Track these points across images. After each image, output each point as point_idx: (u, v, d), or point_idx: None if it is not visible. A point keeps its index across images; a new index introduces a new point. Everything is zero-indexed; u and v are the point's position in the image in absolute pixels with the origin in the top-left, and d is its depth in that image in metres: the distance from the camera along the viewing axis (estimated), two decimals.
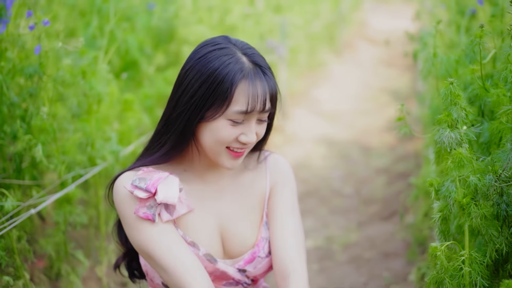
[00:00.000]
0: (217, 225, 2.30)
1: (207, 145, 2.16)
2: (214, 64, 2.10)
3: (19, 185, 3.18)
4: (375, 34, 15.01)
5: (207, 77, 2.09)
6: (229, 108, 2.09)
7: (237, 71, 2.09)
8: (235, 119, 2.10)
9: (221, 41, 2.18)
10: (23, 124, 3.11)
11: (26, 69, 3.13)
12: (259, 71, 2.13)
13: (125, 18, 4.43)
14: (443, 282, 2.22)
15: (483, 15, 4.35)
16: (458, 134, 2.25)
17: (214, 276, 2.28)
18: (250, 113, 2.11)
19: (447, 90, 2.28)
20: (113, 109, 3.57)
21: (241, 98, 2.09)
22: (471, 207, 2.19)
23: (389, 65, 11.81)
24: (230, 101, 2.09)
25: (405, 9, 20.18)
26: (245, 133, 2.14)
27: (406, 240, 4.47)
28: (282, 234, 2.32)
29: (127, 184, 2.14)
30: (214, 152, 2.17)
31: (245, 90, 2.09)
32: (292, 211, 2.39)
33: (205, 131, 2.14)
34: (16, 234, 2.92)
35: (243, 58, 2.13)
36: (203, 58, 2.13)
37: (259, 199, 2.40)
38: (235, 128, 2.12)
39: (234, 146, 2.16)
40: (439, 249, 2.21)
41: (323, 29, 10.78)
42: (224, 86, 2.08)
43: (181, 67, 2.20)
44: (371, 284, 3.92)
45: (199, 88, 2.10)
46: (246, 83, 2.10)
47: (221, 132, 2.12)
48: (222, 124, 2.11)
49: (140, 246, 2.15)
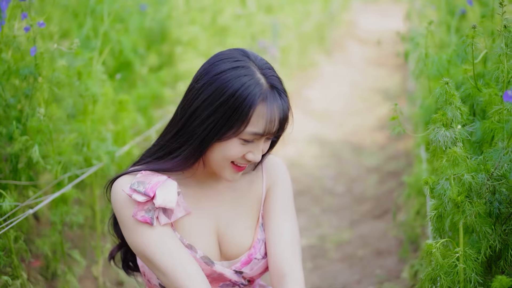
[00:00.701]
0: (214, 227, 2.31)
1: (214, 160, 2.17)
2: (234, 84, 2.08)
3: (15, 185, 3.19)
4: (364, 34, 15.07)
5: (228, 98, 2.07)
6: (246, 130, 2.09)
7: (256, 94, 2.08)
8: (247, 139, 2.11)
9: (240, 58, 2.15)
10: (19, 125, 3.13)
11: (21, 70, 3.14)
12: (276, 93, 2.13)
13: (119, 19, 4.45)
14: (438, 279, 2.25)
15: (473, 15, 4.40)
16: (453, 133, 2.28)
17: (211, 278, 2.29)
18: (263, 135, 2.13)
19: (442, 90, 2.32)
20: (108, 110, 3.59)
21: (259, 120, 2.09)
22: (466, 205, 2.22)
23: (379, 64, 11.87)
24: (248, 123, 2.09)
25: (394, 9, 20.28)
26: (253, 151, 2.15)
27: (399, 238, 4.50)
28: (277, 234, 2.33)
29: (125, 188, 2.14)
30: (218, 166, 2.18)
31: (263, 113, 2.09)
32: (287, 210, 2.40)
33: (216, 149, 2.14)
34: (13, 234, 2.93)
35: (262, 79, 2.11)
36: (222, 75, 2.10)
37: (255, 201, 2.41)
38: (244, 146, 2.13)
39: (238, 162, 2.18)
40: (434, 246, 2.25)
41: (313, 29, 10.82)
42: (244, 109, 2.07)
43: (195, 77, 2.17)
44: (364, 282, 3.95)
45: (218, 107, 2.08)
46: (265, 106, 2.09)
47: (231, 151, 2.13)
48: (234, 143, 2.12)
49: (138, 249, 2.16)
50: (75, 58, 3.55)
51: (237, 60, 2.14)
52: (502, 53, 2.36)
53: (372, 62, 12.04)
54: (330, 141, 7.24)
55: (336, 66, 11.40)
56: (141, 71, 4.74)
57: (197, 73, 2.18)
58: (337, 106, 8.80)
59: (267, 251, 2.34)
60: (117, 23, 4.34)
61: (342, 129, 7.67)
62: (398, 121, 2.77)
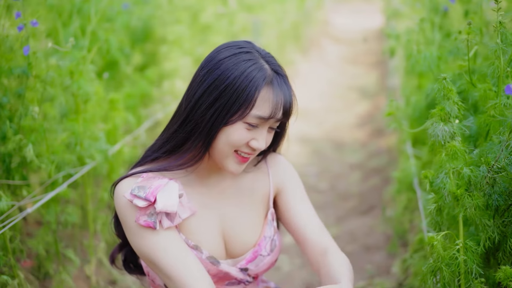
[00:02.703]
0: (219, 226, 2.32)
1: (218, 147, 2.17)
2: (239, 68, 2.12)
3: (8, 185, 3.18)
4: (338, 33, 15.17)
5: (233, 81, 2.10)
6: (251, 112, 2.11)
7: (260, 77, 2.12)
8: (252, 123, 2.13)
9: (244, 45, 2.20)
10: (12, 125, 3.11)
11: (14, 69, 3.13)
12: (280, 79, 2.17)
13: (106, 18, 4.43)
14: (439, 271, 2.29)
15: (455, 13, 4.46)
16: (452, 128, 2.32)
17: (217, 277, 2.30)
18: (268, 120, 2.15)
19: (440, 85, 2.36)
20: (100, 109, 3.58)
21: (264, 104, 2.12)
22: (465, 198, 2.26)
23: (354, 63, 11.95)
24: (253, 105, 2.11)
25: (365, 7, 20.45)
26: (257, 138, 2.16)
27: (386, 233, 4.54)
28: (304, 222, 2.38)
29: (126, 193, 2.14)
30: (222, 155, 2.18)
31: (268, 96, 2.13)
32: (303, 199, 2.45)
33: (221, 135, 2.15)
34: (9, 234, 2.92)
35: (265, 65, 2.16)
36: (227, 60, 2.14)
37: (261, 198, 2.42)
38: (248, 132, 2.14)
39: (242, 151, 2.18)
40: (435, 238, 2.28)
41: (290, 28, 10.86)
42: (249, 92, 2.10)
43: (200, 66, 2.20)
44: (354, 277, 3.96)
45: (224, 91, 2.11)
46: (270, 89, 2.13)
47: (235, 135, 2.13)
48: (239, 128, 2.13)
49: (143, 254, 2.16)
50: (63, 58, 3.54)
51: (241, 47, 2.19)
52: (498, 48, 2.40)
53: (347, 61, 12.12)
54: (311, 139, 7.28)
55: (312, 64, 11.46)
56: (126, 70, 4.72)
57: (202, 62, 2.20)
58: (316, 104, 8.84)
59: (301, 239, 2.37)
60: (104, 22, 4.32)
61: (323, 127, 7.71)
62: (395, 117, 2.80)
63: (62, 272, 3.33)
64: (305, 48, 12.18)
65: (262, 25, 7.64)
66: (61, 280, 3.33)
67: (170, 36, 5.04)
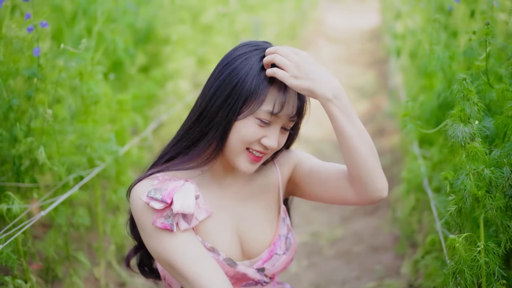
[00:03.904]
0: (235, 227, 2.31)
1: (230, 144, 2.16)
2: (253, 63, 2.14)
3: (18, 188, 3.15)
4: (332, 32, 15.18)
5: (245, 74, 2.12)
6: (262, 107, 2.11)
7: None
8: (264, 118, 2.12)
9: (261, 44, 2.21)
10: (22, 127, 3.09)
11: (24, 71, 3.11)
12: None
13: (111, 19, 4.41)
14: (460, 273, 2.28)
15: (459, 13, 4.46)
16: (471, 129, 2.31)
17: (235, 279, 2.29)
18: (278, 116, 2.14)
19: (460, 86, 2.35)
20: (109, 110, 3.56)
21: (275, 99, 2.12)
22: (486, 199, 2.25)
23: (349, 62, 11.95)
24: (263, 99, 2.11)
25: (358, 7, 20.50)
26: (269, 136, 2.16)
27: (393, 233, 4.54)
28: (325, 169, 2.34)
29: (143, 195, 2.12)
30: (234, 152, 2.17)
31: (279, 91, 2.13)
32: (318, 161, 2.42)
33: (233, 130, 2.15)
34: (21, 237, 2.90)
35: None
36: (242, 56, 2.17)
37: (273, 195, 2.42)
38: (260, 129, 2.14)
39: (254, 149, 2.17)
40: (457, 240, 2.27)
41: (287, 27, 10.87)
42: (259, 85, 2.12)
43: (217, 64, 2.22)
44: (363, 278, 3.97)
45: (236, 85, 2.12)
46: (281, 86, 2.14)
47: (247, 130, 2.13)
48: (250, 123, 2.12)
49: (160, 256, 2.14)
50: (70, 59, 3.52)
51: (258, 45, 2.21)
52: None
53: (342, 60, 12.12)
54: (311, 139, 7.26)
55: None
56: (130, 71, 4.70)
57: (221, 59, 2.23)
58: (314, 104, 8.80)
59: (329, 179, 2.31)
60: (109, 23, 4.29)
61: (322, 127, 7.69)
62: (411, 117, 2.79)
63: (72, 275, 3.31)
64: (301, 48, 12.08)
65: (262, 25, 7.63)
66: (71, 283, 3.31)
67: (173, 36, 5.02)
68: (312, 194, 2.42)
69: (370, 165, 2.16)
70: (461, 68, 3.26)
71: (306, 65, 2.10)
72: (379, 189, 2.20)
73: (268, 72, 2.13)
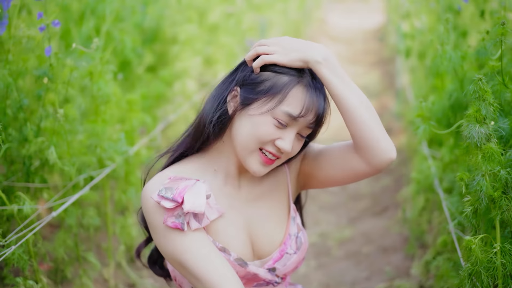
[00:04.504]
0: (246, 227, 2.29)
1: (242, 139, 2.15)
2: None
3: (27, 188, 3.14)
4: (335, 32, 15.17)
5: (269, 67, 2.15)
6: (280, 107, 2.10)
7: (298, 75, 2.14)
8: (281, 119, 2.10)
9: None
10: (32, 127, 3.07)
11: (35, 71, 3.10)
12: (317, 85, 2.16)
13: (119, 18, 4.39)
14: (476, 274, 2.27)
15: (467, 13, 4.44)
16: (487, 129, 2.30)
17: (246, 279, 2.28)
18: (297, 120, 2.12)
19: (476, 87, 2.33)
20: (119, 110, 3.55)
21: (296, 102, 2.11)
22: (502, 201, 2.24)
23: (353, 62, 11.92)
24: (282, 99, 2.10)
25: (361, 7, 20.49)
26: (284, 138, 2.13)
27: (402, 234, 4.52)
28: (330, 148, 2.36)
29: (153, 195, 2.12)
30: (246, 151, 2.16)
31: (302, 95, 2.12)
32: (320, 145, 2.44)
33: (246, 124, 2.14)
34: (32, 238, 2.88)
35: (307, 70, 2.17)
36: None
37: (283, 193, 2.40)
38: (276, 130, 2.12)
39: (267, 150, 2.15)
40: (473, 242, 2.25)
41: (291, 27, 10.86)
42: (282, 85, 2.11)
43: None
44: (373, 279, 3.95)
45: (261, 81, 2.14)
46: (304, 89, 2.13)
47: (261, 128, 2.11)
48: (266, 121, 2.11)
49: (171, 256, 2.14)
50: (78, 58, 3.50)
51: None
52: None
53: (345, 60, 12.09)
54: (318, 139, 7.23)
55: None
56: (138, 70, 4.69)
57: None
58: None
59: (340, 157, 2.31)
60: (118, 22, 4.28)
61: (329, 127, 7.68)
62: (425, 119, 2.77)
63: (82, 276, 3.30)
64: None
65: (268, 24, 7.62)
66: (81, 284, 3.30)
67: (181, 35, 5.01)
68: (324, 178, 2.39)
69: (370, 124, 2.17)
70: (472, 68, 3.24)
71: (290, 42, 2.15)
72: (385, 150, 2.19)
73: (256, 63, 2.15)
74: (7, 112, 3.07)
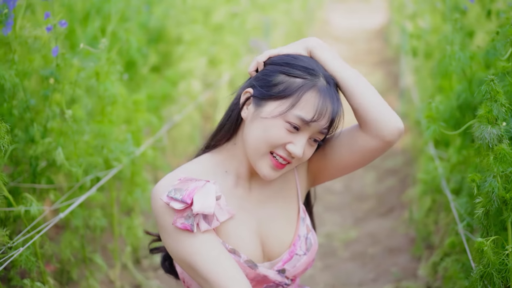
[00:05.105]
0: (256, 229, 2.28)
1: (253, 142, 2.13)
2: (295, 63, 2.16)
3: (34, 189, 3.12)
4: (338, 32, 15.16)
5: (283, 70, 2.14)
6: (292, 110, 2.08)
7: (312, 80, 2.12)
8: (294, 123, 2.09)
9: (305, 58, 2.21)
10: (39, 127, 3.06)
11: (42, 71, 3.09)
12: (331, 90, 2.15)
13: (124, 18, 4.38)
14: (488, 276, 2.25)
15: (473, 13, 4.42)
16: (499, 130, 2.28)
17: (255, 281, 2.26)
18: (309, 125, 2.11)
19: (488, 87, 2.32)
20: (125, 111, 3.53)
21: (309, 106, 2.09)
22: None
23: (355, 62, 11.90)
24: (295, 103, 2.08)
25: (362, 7, 20.48)
26: (295, 143, 2.12)
27: (408, 235, 4.51)
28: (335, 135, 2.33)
29: (163, 196, 2.11)
30: (256, 154, 2.14)
31: (315, 100, 2.10)
32: None
33: (258, 126, 2.12)
34: (39, 239, 2.87)
35: (321, 74, 2.15)
36: (288, 56, 2.20)
37: (292, 193, 2.39)
38: (288, 134, 2.10)
39: (278, 154, 2.13)
40: (485, 244, 2.24)
41: (294, 27, 10.85)
42: (295, 84, 2.10)
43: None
44: (380, 281, 3.93)
45: (276, 85, 2.13)
46: (318, 94, 2.11)
47: (273, 131, 2.10)
48: (278, 125, 2.09)
49: (180, 257, 2.13)
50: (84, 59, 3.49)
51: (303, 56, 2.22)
52: None
53: (348, 60, 11.99)
54: None
55: None
56: (142, 70, 4.68)
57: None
58: None
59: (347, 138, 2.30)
60: (123, 22, 4.26)
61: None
62: (434, 119, 2.75)
63: (89, 277, 3.29)
64: None
65: (272, 24, 7.61)
66: (87, 285, 3.29)
67: (186, 36, 4.99)
68: (335, 168, 2.38)
69: (372, 95, 2.21)
70: (480, 69, 3.22)
71: (286, 45, 2.25)
72: (391, 119, 2.20)
73: (261, 57, 2.23)
74: (13, 113, 3.06)
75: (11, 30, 2.94)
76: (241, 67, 6.37)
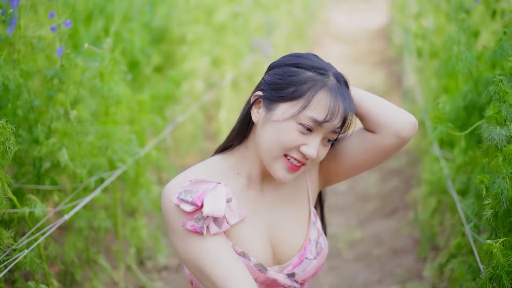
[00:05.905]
0: (267, 232, 2.26)
1: (266, 146, 2.11)
2: (305, 63, 2.14)
3: (37, 190, 3.11)
4: (339, 32, 15.14)
5: (293, 71, 2.12)
6: (304, 112, 2.06)
7: (322, 79, 2.10)
8: (306, 124, 2.07)
9: (313, 57, 2.20)
10: (43, 128, 3.04)
11: (46, 71, 3.07)
12: (342, 89, 2.13)
13: (127, 18, 4.36)
14: (497, 278, 2.23)
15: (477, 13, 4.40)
16: (508, 131, 2.27)
17: (265, 285, 2.24)
18: (322, 125, 2.09)
19: (497, 88, 2.30)
20: (129, 111, 3.51)
21: (321, 106, 2.07)
22: None
23: (357, 62, 11.90)
24: (306, 104, 2.06)
25: (364, 6, 20.47)
26: (308, 144, 2.10)
27: (413, 236, 4.49)
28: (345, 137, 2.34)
29: (173, 197, 2.09)
30: (271, 157, 2.12)
31: (326, 100, 2.08)
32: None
33: (270, 130, 2.10)
34: (43, 241, 2.85)
35: (331, 73, 2.13)
36: (297, 57, 2.18)
37: (304, 198, 2.37)
38: (301, 136, 2.08)
39: (292, 156, 2.11)
40: (494, 245, 2.22)
41: (296, 27, 10.83)
42: (306, 89, 2.08)
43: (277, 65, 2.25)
44: (385, 282, 3.92)
45: (287, 86, 2.11)
46: (329, 93, 2.09)
47: (285, 134, 2.08)
48: (290, 127, 2.08)
49: (188, 260, 2.11)
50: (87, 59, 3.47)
51: (311, 56, 2.20)
52: None
53: (350, 60, 12.06)
54: None
55: None
56: (146, 71, 4.66)
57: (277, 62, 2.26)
58: None
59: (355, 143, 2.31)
60: (126, 22, 4.24)
61: None
62: (441, 119, 2.73)
63: (93, 279, 3.27)
64: (309, 48, 12.13)
65: (275, 24, 7.59)
66: (91, 287, 3.27)
67: (189, 36, 4.97)
68: (348, 166, 2.36)
69: (380, 99, 2.25)
70: (487, 69, 3.20)
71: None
72: (403, 117, 2.21)
73: None
74: (17, 113, 3.04)
75: (15, 30, 2.92)
76: (244, 67, 6.36)
